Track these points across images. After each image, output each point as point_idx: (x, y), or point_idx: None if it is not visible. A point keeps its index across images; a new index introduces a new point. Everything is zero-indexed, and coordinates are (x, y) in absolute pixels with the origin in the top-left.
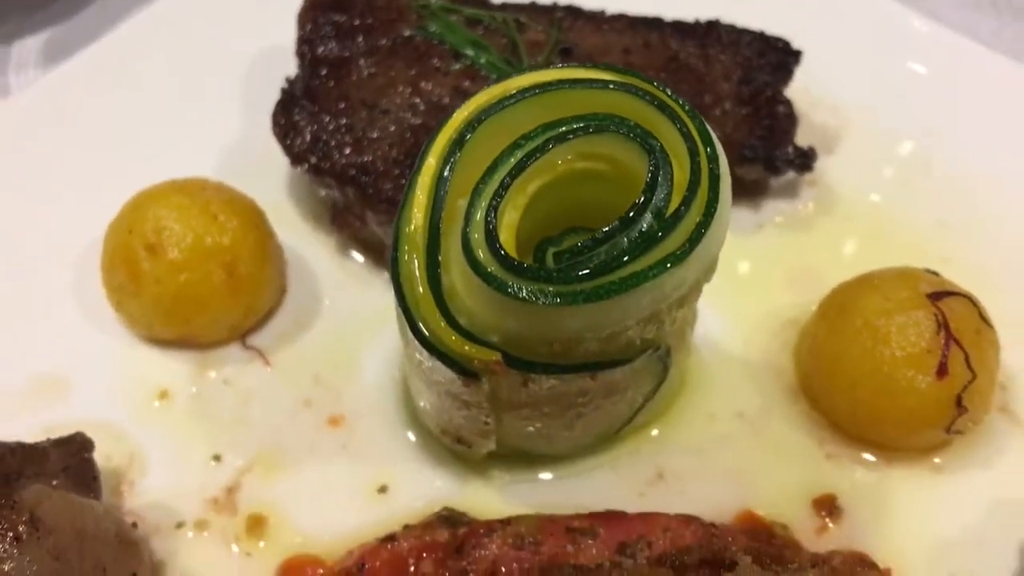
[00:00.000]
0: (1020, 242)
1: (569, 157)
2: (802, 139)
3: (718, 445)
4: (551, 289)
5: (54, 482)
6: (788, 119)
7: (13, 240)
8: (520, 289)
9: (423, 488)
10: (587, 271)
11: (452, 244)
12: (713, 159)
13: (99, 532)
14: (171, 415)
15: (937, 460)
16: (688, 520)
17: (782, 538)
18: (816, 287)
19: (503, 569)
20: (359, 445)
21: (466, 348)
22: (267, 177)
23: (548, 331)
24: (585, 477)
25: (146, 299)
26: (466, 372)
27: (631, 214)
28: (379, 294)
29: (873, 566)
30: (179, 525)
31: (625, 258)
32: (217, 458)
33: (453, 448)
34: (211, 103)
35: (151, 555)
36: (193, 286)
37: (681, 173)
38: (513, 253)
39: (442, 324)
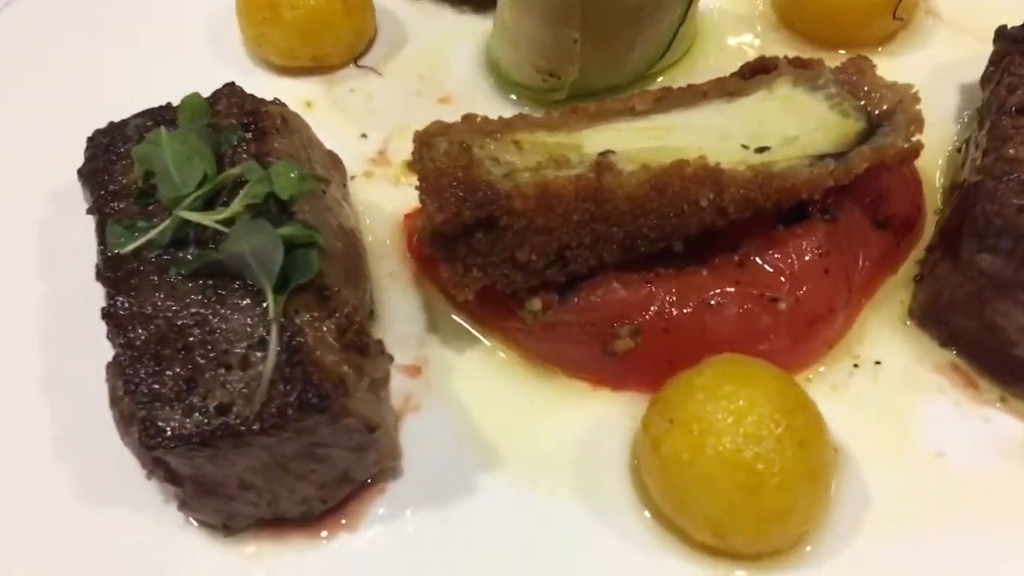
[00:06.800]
0: None
1: None
2: None
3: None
4: None
5: None
6: None
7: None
8: None
9: None
10: None
11: None
12: None
13: (318, 143)
14: (318, 115)
15: (879, 49)
16: None
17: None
18: None
19: None
20: (468, 109)
21: None
22: None
23: None
24: None
25: (285, 25)
26: None
27: None
28: (465, 21)
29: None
30: (352, 177)
31: None
32: (364, 135)
33: (544, 85)
34: None
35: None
36: (320, 10)
37: None
38: None
39: None
